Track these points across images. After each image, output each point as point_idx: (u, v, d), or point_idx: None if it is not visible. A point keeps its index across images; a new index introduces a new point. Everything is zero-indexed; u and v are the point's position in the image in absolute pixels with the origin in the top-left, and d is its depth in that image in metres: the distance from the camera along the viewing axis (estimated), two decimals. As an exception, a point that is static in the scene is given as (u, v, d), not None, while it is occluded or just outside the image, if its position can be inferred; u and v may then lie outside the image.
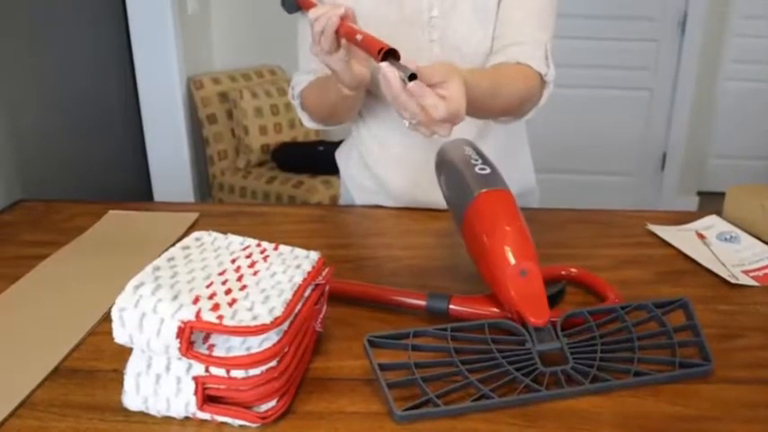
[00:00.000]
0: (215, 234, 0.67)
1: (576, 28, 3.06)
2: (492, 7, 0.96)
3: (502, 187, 0.71)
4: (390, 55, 0.70)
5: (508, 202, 0.69)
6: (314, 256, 0.65)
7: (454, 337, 0.62)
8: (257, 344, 0.53)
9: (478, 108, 0.81)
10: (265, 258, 0.63)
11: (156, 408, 0.55)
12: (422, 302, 0.71)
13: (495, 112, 0.94)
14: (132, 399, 0.55)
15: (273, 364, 0.54)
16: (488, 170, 0.73)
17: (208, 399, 0.54)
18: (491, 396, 0.57)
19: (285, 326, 0.55)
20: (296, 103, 1.04)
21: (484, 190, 0.70)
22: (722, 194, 1.05)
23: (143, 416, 0.56)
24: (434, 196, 0.93)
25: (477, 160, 0.74)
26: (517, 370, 0.59)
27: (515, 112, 0.96)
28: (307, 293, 0.60)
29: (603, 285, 0.76)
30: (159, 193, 2.81)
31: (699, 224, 1.01)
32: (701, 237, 0.96)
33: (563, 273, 0.80)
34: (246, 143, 2.78)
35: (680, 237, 0.96)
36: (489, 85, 0.84)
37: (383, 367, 0.59)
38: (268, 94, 2.80)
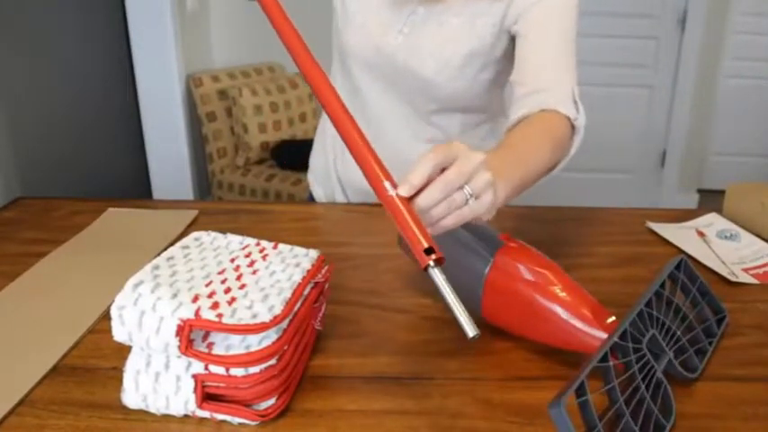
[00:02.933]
0: (214, 234, 0.67)
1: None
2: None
3: (518, 243, 0.67)
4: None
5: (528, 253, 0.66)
6: (313, 254, 0.65)
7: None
8: (256, 342, 0.53)
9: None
10: (264, 257, 0.63)
11: (156, 405, 0.55)
12: None
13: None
14: (131, 396, 0.55)
15: (273, 362, 0.54)
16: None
17: (207, 397, 0.54)
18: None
19: (284, 324, 0.55)
20: None
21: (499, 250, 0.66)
22: (722, 192, 1.05)
23: (142, 414, 0.56)
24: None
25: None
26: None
27: (545, 174, 0.82)
28: (306, 292, 0.60)
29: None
30: (158, 191, 2.81)
31: (699, 222, 1.01)
32: (701, 234, 0.96)
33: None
34: (246, 141, 2.78)
35: (680, 234, 0.96)
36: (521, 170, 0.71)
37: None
38: (267, 92, 2.80)
